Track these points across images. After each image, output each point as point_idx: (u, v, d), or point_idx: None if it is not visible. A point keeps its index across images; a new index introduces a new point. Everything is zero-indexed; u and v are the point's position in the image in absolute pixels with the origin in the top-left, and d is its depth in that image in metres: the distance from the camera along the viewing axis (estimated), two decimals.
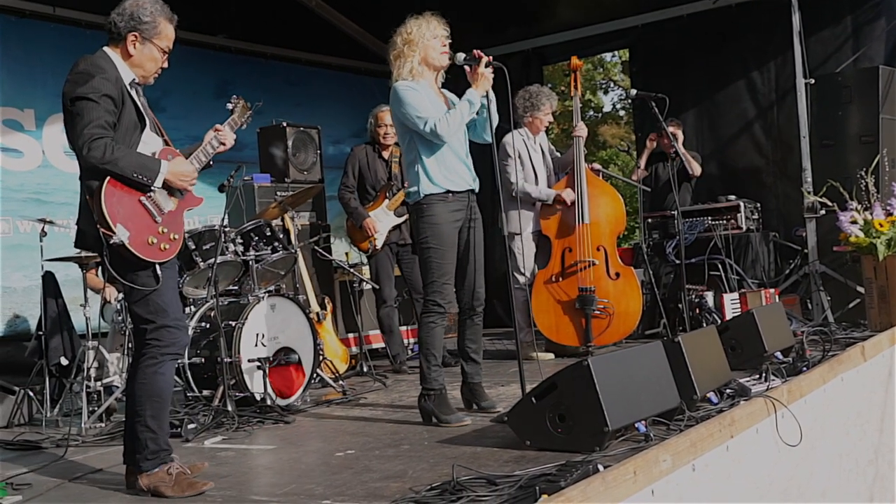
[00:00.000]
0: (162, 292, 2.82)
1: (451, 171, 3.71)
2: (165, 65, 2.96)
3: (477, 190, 3.85)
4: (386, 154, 5.52)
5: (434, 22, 3.74)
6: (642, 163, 6.36)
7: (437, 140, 3.64)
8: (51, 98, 6.03)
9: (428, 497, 2.36)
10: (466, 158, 3.79)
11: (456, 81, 3.95)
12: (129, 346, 4.32)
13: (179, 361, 4.06)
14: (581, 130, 5.48)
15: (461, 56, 3.71)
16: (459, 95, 3.76)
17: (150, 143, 2.91)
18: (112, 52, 2.87)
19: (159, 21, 2.87)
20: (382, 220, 5.40)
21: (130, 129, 2.82)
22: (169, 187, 2.86)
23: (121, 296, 4.52)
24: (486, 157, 3.88)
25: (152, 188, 2.79)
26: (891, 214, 5.14)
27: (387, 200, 5.44)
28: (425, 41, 3.71)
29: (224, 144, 3.05)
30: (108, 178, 2.72)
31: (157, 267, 2.80)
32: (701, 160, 6.36)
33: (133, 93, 2.86)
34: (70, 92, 2.75)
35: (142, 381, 2.83)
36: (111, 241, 2.70)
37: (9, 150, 5.81)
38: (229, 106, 3.25)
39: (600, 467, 2.33)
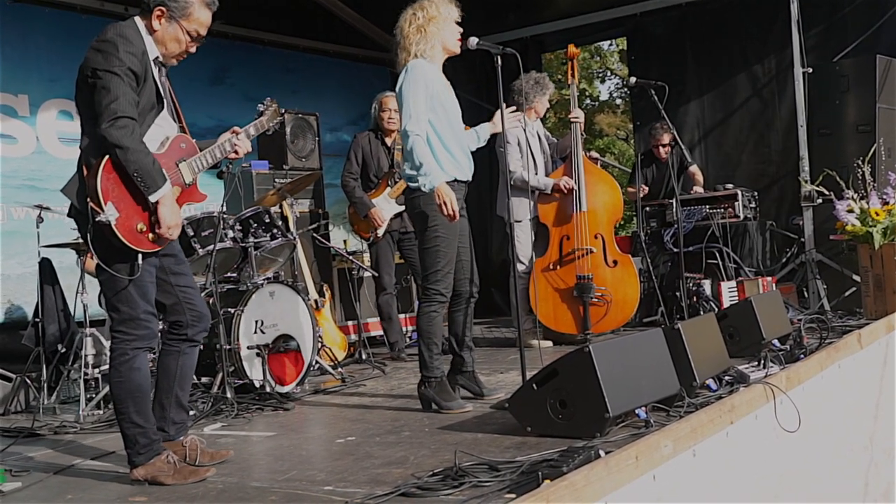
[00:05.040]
0: (139, 283, 2.71)
1: (456, 160, 3.70)
2: (192, 50, 2.83)
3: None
4: (389, 141, 5.49)
5: (453, 5, 3.69)
6: (632, 189, 6.36)
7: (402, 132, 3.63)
8: (45, 83, 5.98)
9: (430, 483, 2.36)
10: (468, 149, 3.77)
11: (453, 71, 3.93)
12: None
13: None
14: (577, 115, 5.47)
15: (474, 41, 3.67)
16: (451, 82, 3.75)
17: (165, 126, 2.82)
18: (140, 24, 2.76)
19: (192, 3, 2.75)
20: (384, 207, 5.39)
21: (146, 110, 2.72)
22: (175, 177, 2.78)
23: None
24: (487, 144, 3.88)
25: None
26: (887, 203, 5.15)
27: (388, 188, 5.42)
28: (447, 23, 3.65)
29: (237, 153, 2.96)
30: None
31: (140, 257, 2.69)
32: (702, 178, 6.41)
33: (156, 71, 2.76)
34: (94, 62, 2.63)
35: (118, 379, 2.74)
36: (97, 219, 2.60)
37: (2, 136, 5.76)
38: (260, 108, 3.15)
39: (602, 453, 2.34)
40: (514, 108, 3.93)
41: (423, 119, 3.57)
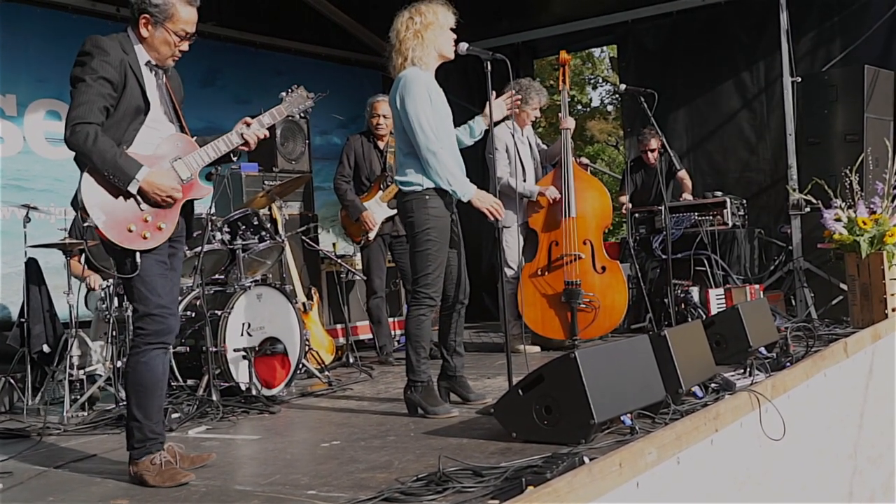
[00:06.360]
0: (145, 279, 2.76)
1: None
2: (185, 48, 2.87)
3: None
4: (381, 144, 5.49)
5: (450, 12, 3.67)
6: (624, 198, 6.42)
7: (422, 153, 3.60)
8: (33, 83, 5.95)
9: (414, 488, 2.35)
10: (459, 157, 3.77)
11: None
12: (113, 334, 4.29)
13: None
14: (568, 123, 5.49)
15: (464, 46, 3.67)
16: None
17: (159, 128, 2.85)
18: (131, 33, 2.84)
19: (172, 4, 2.79)
20: (376, 211, 5.38)
21: (129, 114, 2.77)
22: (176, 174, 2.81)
23: (105, 283, 4.49)
24: (476, 150, 3.88)
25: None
26: (874, 212, 5.18)
27: (380, 192, 5.41)
28: (444, 30, 3.64)
29: (247, 144, 2.96)
30: None
31: (137, 255, 2.73)
32: (691, 183, 6.47)
33: (145, 74, 2.81)
34: (73, 73, 2.73)
35: (128, 369, 2.83)
36: (85, 223, 2.70)
37: None
38: (282, 94, 3.14)
39: (586, 459, 2.34)
40: (508, 93, 3.87)
41: (437, 133, 3.57)
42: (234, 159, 3.06)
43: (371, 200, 5.40)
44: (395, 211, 5.36)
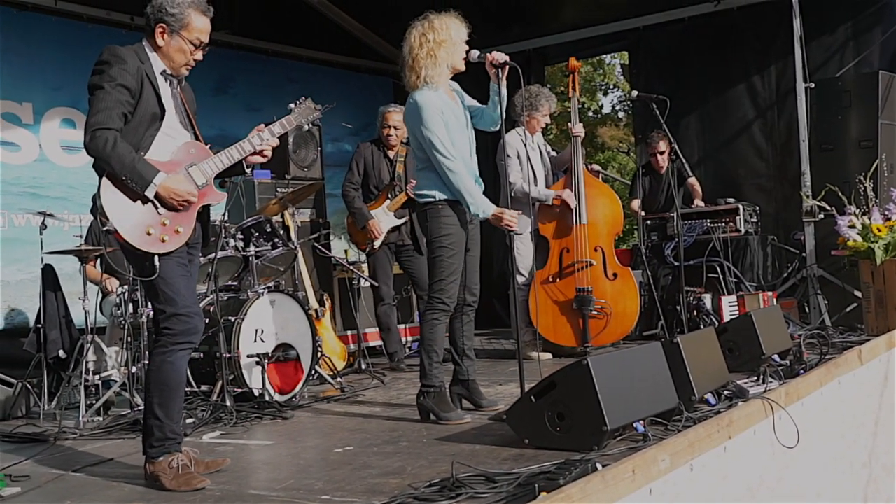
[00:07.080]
0: (169, 281, 2.81)
1: None
2: (199, 57, 2.93)
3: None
4: (391, 153, 5.51)
5: (462, 24, 3.67)
6: (636, 203, 6.40)
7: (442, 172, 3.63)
8: (49, 92, 6.02)
9: (427, 493, 2.36)
10: (472, 163, 3.79)
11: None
12: (128, 339, 4.32)
13: None
14: (578, 130, 5.49)
15: (475, 53, 3.69)
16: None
17: (174, 135, 2.91)
18: (146, 44, 2.91)
19: (188, 13, 2.86)
20: (382, 220, 5.40)
21: (145, 121, 2.83)
22: (192, 177, 2.86)
23: (121, 289, 4.52)
24: (488, 156, 3.89)
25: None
26: (889, 219, 5.15)
27: (388, 201, 5.43)
28: (456, 46, 3.64)
29: (260, 153, 3.00)
30: None
31: (156, 258, 2.79)
32: (701, 191, 6.44)
33: (161, 83, 2.88)
34: (90, 81, 2.80)
35: (152, 367, 2.87)
36: (105, 227, 2.76)
37: (6, 144, 5.79)
38: (291, 105, 3.19)
39: (599, 466, 2.34)
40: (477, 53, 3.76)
41: (453, 150, 3.60)
42: (248, 170, 3.09)
43: (378, 209, 5.42)
44: (401, 220, 5.40)
